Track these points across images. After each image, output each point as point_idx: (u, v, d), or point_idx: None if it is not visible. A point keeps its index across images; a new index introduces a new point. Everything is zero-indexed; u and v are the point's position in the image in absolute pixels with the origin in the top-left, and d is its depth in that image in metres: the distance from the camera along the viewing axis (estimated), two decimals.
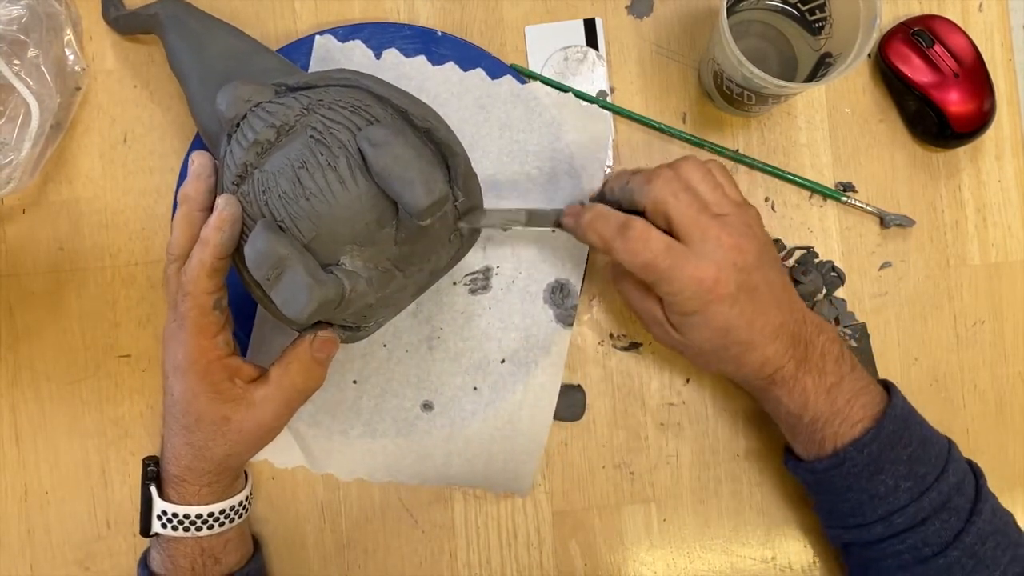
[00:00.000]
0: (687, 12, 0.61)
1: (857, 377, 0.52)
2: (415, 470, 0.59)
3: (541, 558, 0.60)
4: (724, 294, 0.48)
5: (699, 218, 0.49)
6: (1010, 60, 0.62)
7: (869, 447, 0.50)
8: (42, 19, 0.57)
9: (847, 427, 0.50)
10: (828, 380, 0.51)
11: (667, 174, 0.50)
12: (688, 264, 0.48)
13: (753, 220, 0.51)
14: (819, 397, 0.51)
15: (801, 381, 0.51)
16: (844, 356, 0.52)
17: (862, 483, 0.50)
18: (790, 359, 0.51)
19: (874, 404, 0.51)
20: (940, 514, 0.50)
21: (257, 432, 0.50)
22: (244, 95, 0.47)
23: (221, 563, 0.54)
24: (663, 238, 0.49)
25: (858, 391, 0.51)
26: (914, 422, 0.52)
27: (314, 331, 0.50)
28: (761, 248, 0.50)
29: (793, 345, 0.51)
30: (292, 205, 0.45)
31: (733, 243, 0.49)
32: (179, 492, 0.52)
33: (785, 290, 0.52)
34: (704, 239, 0.49)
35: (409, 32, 0.59)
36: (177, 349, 0.49)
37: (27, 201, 0.60)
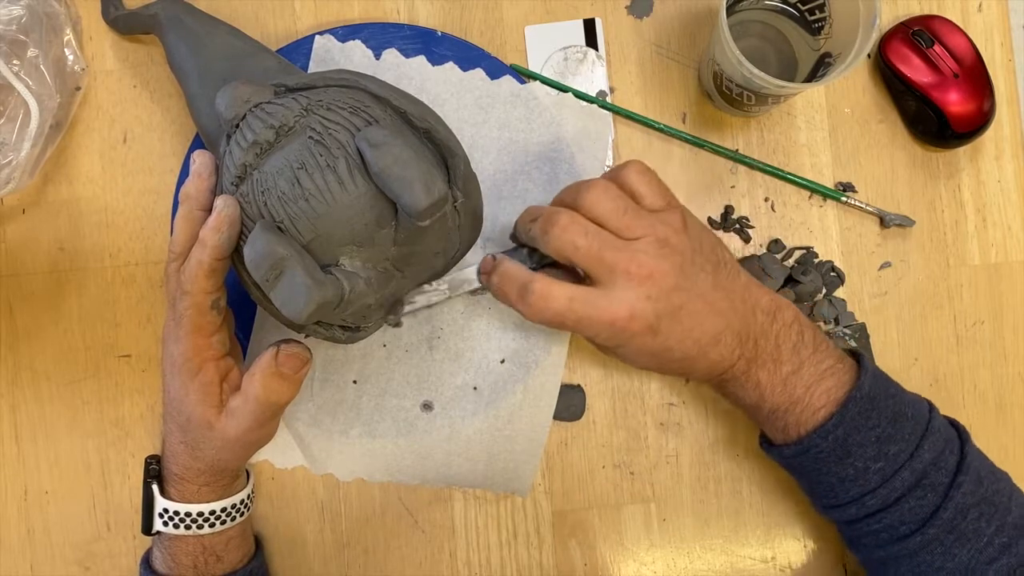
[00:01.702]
0: (687, 12, 0.61)
1: (819, 359, 0.50)
2: (415, 470, 0.59)
3: (541, 558, 0.60)
4: (642, 328, 0.47)
5: (603, 257, 0.47)
6: (1010, 60, 0.62)
7: (834, 432, 0.48)
8: (42, 19, 0.57)
9: (809, 414, 0.49)
10: (784, 370, 0.50)
11: (562, 221, 0.48)
12: (597, 310, 0.47)
13: (673, 228, 0.49)
14: (775, 389, 0.50)
15: (754, 376, 0.50)
16: (803, 340, 0.50)
17: (831, 467, 0.50)
18: (739, 358, 0.49)
19: (839, 387, 0.49)
20: (915, 492, 0.49)
21: (237, 440, 0.50)
22: (243, 96, 0.47)
23: (223, 561, 0.54)
24: (565, 291, 0.47)
25: (821, 375, 0.50)
26: (885, 399, 0.50)
27: (278, 345, 0.49)
28: (683, 263, 0.48)
29: (741, 344, 0.49)
30: (291, 206, 0.45)
31: (645, 273, 0.47)
32: (180, 490, 0.53)
33: (724, 290, 0.49)
34: (612, 278, 0.47)
35: (409, 32, 0.59)
36: (174, 347, 0.49)
37: (27, 201, 0.60)
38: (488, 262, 0.52)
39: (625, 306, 0.47)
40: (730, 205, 0.61)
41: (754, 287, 0.51)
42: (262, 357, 0.49)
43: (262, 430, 0.50)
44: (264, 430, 0.51)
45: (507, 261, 0.51)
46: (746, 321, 0.49)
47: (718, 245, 0.51)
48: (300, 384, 0.50)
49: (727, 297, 0.49)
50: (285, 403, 0.49)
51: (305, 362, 0.49)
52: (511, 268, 0.50)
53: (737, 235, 0.61)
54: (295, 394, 0.50)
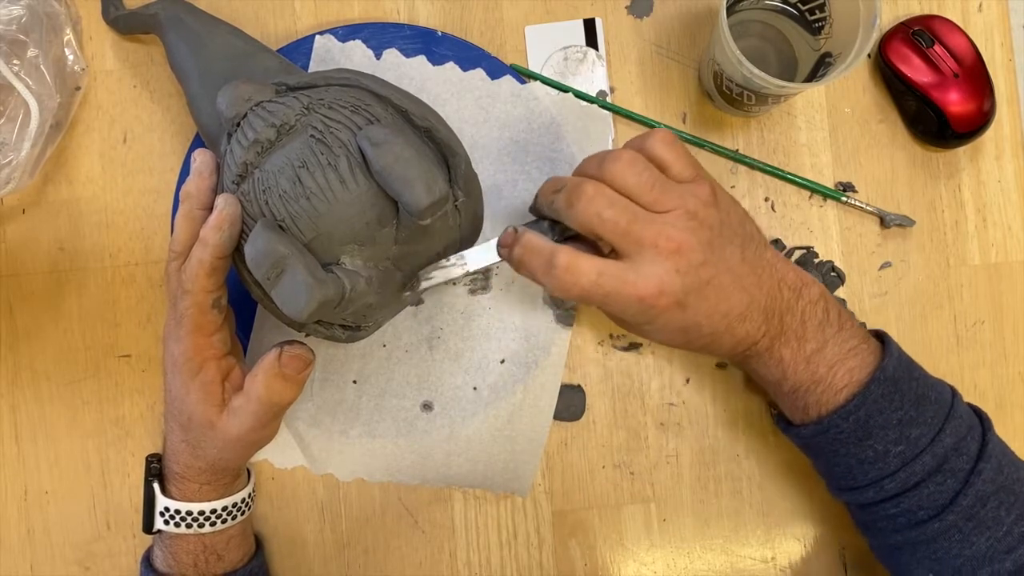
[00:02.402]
0: (687, 12, 0.61)
1: (844, 339, 0.49)
2: (415, 470, 0.59)
3: (541, 558, 0.60)
4: (671, 303, 0.46)
5: (630, 230, 0.46)
6: (1010, 60, 0.62)
7: (855, 414, 0.48)
8: (42, 19, 0.57)
9: (830, 394, 0.49)
10: (808, 348, 0.49)
11: (588, 192, 0.46)
12: (626, 284, 0.46)
13: (703, 201, 0.47)
14: (798, 366, 0.49)
15: (777, 353, 0.49)
16: (829, 318, 0.49)
17: (850, 448, 0.49)
18: (763, 335, 0.49)
19: (862, 367, 0.49)
20: (935, 477, 0.48)
21: (239, 440, 0.50)
22: (244, 94, 0.47)
23: (223, 560, 0.54)
24: (594, 266, 0.46)
25: (844, 355, 0.49)
26: (908, 381, 0.49)
27: (281, 346, 0.49)
28: (711, 237, 0.47)
29: (766, 320, 0.48)
30: (292, 204, 0.45)
31: (673, 247, 0.46)
32: (181, 489, 0.53)
33: (751, 264, 0.48)
34: (640, 251, 0.46)
35: (409, 32, 0.59)
36: (175, 346, 0.49)
37: (27, 201, 0.60)
38: (509, 234, 0.50)
39: (654, 280, 0.45)
40: None
41: (780, 262, 0.50)
42: (265, 357, 0.48)
43: (264, 430, 0.50)
44: (266, 430, 0.51)
45: (529, 232, 0.49)
46: (772, 296, 0.49)
47: (746, 218, 0.50)
48: (303, 385, 0.49)
49: (754, 272, 0.48)
50: (287, 403, 0.49)
51: (308, 363, 0.49)
52: (535, 240, 0.48)
53: None
54: (297, 395, 0.49)
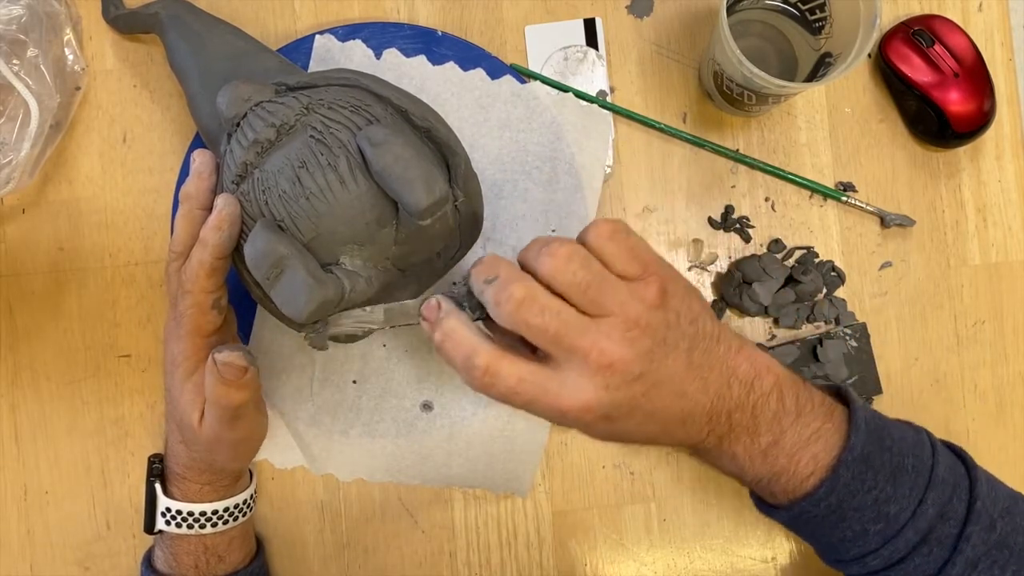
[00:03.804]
0: (687, 12, 0.61)
1: (804, 424, 0.45)
2: (415, 470, 0.59)
3: (541, 558, 0.60)
4: (596, 418, 0.42)
5: (559, 339, 0.41)
6: (1010, 60, 0.62)
7: (826, 500, 0.44)
8: (42, 19, 0.57)
9: (796, 483, 0.45)
10: (763, 441, 0.45)
11: (516, 295, 0.41)
12: (547, 395, 0.41)
13: (647, 304, 0.42)
14: (754, 461, 0.45)
15: (728, 450, 0.45)
16: (784, 407, 0.45)
17: (826, 530, 0.46)
18: (708, 435, 0.45)
19: (827, 451, 0.45)
20: (920, 549, 0.45)
21: (218, 441, 0.49)
22: (244, 94, 0.47)
23: (224, 561, 0.54)
24: (514, 371, 0.41)
25: (806, 441, 0.45)
26: (880, 454, 0.45)
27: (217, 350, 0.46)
28: (652, 346, 0.42)
29: (711, 421, 0.44)
30: (292, 204, 0.45)
31: (605, 363, 0.41)
32: (182, 489, 0.53)
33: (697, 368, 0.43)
34: (569, 360, 0.41)
35: (409, 32, 0.59)
36: (174, 346, 0.49)
37: (27, 201, 0.60)
38: (431, 308, 0.45)
39: (578, 397, 0.41)
40: (730, 205, 0.61)
41: (733, 355, 0.45)
42: (207, 361, 0.47)
43: (234, 432, 0.49)
44: (236, 432, 0.49)
45: (453, 316, 0.44)
46: (719, 397, 0.44)
47: (701, 313, 0.45)
48: (251, 387, 0.47)
49: (700, 375, 0.44)
50: (238, 406, 0.47)
51: (243, 370, 0.46)
52: (457, 329, 0.43)
53: (737, 235, 0.61)
54: (247, 396, 0.48)
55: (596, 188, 0.59)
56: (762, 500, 0.49)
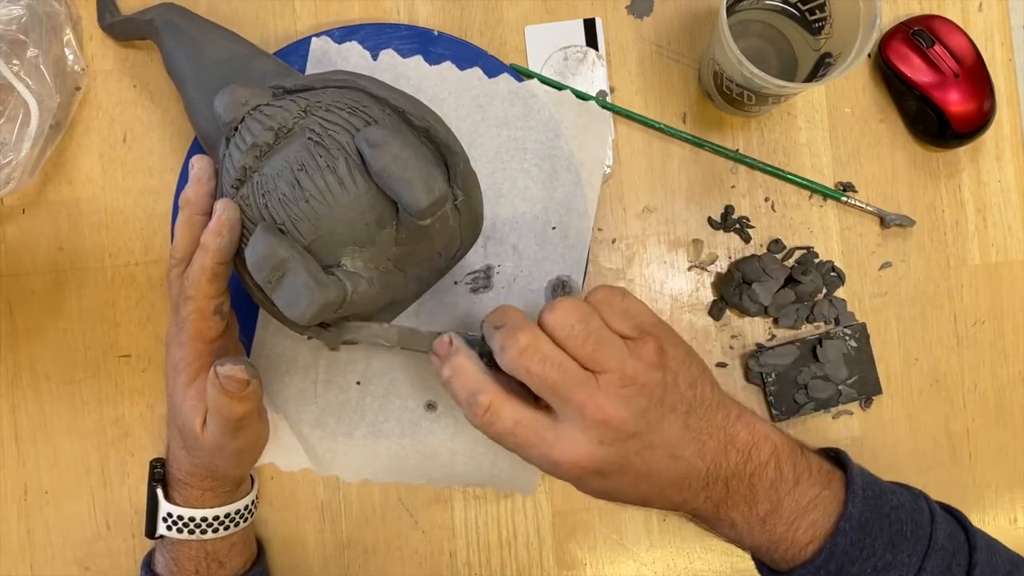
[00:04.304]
0: (687, 12, 0.61)
1: (802, 491, 0.45)
2: (420, 470, 0.59)
3: (541, 558, 0.60)
4: (588, 473, 0.43)
5: (558, 389, 0.42)
6: (1010, 60, 0.62)
7: (825, 567, 0.44)
8: (42, 19, 0.57)
9: (795, 551, 0.45)
10: (760, 509, 0.45)
11: (520, 342, 0.42)
12: (542, 442, 0.43)
13: (646, 363, 0.43)
14: (752, 529, 0.45)
15: (726, 517, 0.45)
16: (782, 476, 0.45)
17: None
18: (705, 500, 0.45)
19: (825, 518, 0.45)
20: None
21: (220, 449, 0.49)
22: (242, 98, 0.47)
23: (225, 567, 0.54)
24: (512, 414, 0.43)
25: (804, 509, 0.45)
26: (878, 521, 0.45)
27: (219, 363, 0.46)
28: (647, 406, 0.43)
29: (706, 487, 0.44)
30: (292, 207, 0.45)
31: (600, 417, 0.42)
32: (184, 495, 0.53)
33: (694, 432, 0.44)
34: (565, 411, 0.42)
35: (405, 32, 0.59)
36: (176, 352, 0.49)
37: (27, 201, 0.60)
38: (443, 345, 0.46)
39: (571, 450, 0.42)
40: (730, 205, 0.61)
41: (732, 423, 0.45)
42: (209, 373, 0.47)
43: (235, 441, 0.49)
44: (238, 441, 0.49)
45: (463, 354, 0.45)
46: (716, 463, 0.44)
47: (700, 377, 0.46)
48: (254, 399, 0.48)
49: (697, 440, 0.44)
50: (240, 417, 0.48)
51: (245, 383, 0.46)
52: (465, 366, 0.44)
53: (737, 235, 0.61)
54: (249, 408, 0.48)
55: (595, 185, 0.59)
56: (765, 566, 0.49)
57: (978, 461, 0.56)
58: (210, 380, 0.46)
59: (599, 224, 0.60)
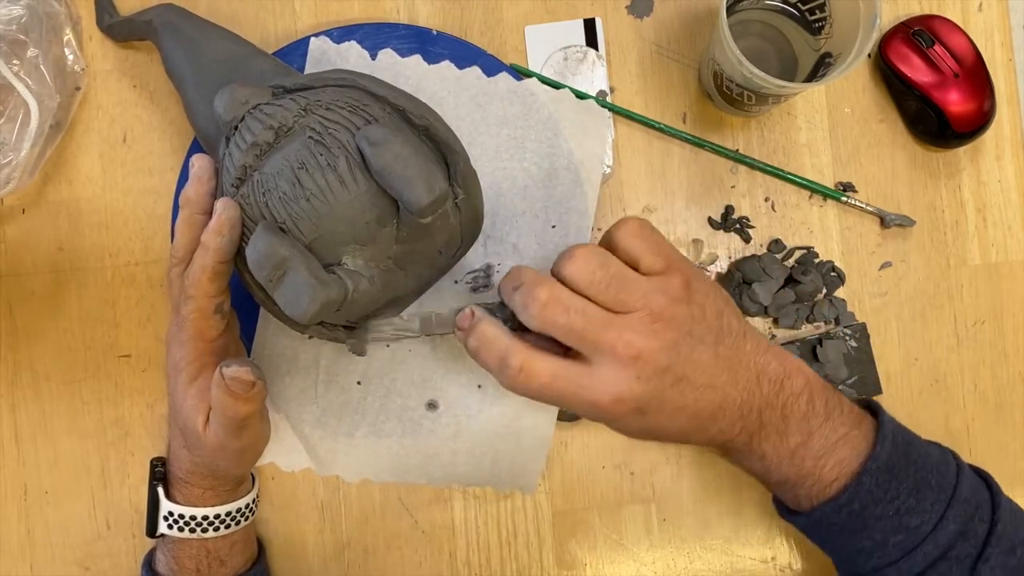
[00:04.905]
0: (687, 12, 0.61)
1: (832, 428, 0.46)
2: (421, 470, 0.59)
3: (541, 558, 0.60)
4: (629, 410, 0.44)
5: (586, 335, 0.43)
6: (1010, 60, 0.62)
7: (848, 506, 0.45)
8: (42, 19, 0.57)
9: (820, 487, 0.46)
10: (791, 442, 0.46)
11: (541, 297, 0.43)
12: (581, 389, 0.43)
13: (671, 297, 0.44)
14: (782, 462, 0.46)
15: (758, 449, 0.46)
16: (814, 409, 0.46)
17: (846, 539, 0.47)
18: (740, 431, 0.46)
19: (853, 457, 0.46)
20: (938, 565, 0.45)
21: (222, 449, 0.49)
22: (242, 97, 0.47)
23: (226, 565, 0.54)
24: (548, 367, 0.43)
25: (833, 445, 0.46)
26: (905, 467, 0.46)
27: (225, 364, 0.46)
28: (677, 338, 0.43)
29: (742, 417, 0.45)
30: (292, 206, 0.45)
31: (632, 354, 0.43)
32: (185, 494, 0.53)
33: (726, 361, 0.45)
34: (598, 356, 0.43)
35: (404, 32, 0.59)
36: (177, 351, 0.49)
37: (27, 201, 0.60)
38: (466, 317, 0.47)
39: (610, 389, 0.43)
40: (730, 205, 0.61)
41: (761, 353, 0.46)
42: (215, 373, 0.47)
43: (238, 440, 0.49)
44: (240, 441, 0.49)
45: (486, 322, 0.46)
46: (749, 392, 0.45)
47: (726, 308, 0.46)
48: (258, 400, 0.48)
49: (728, 369, 0.45)
50: (244, 417, 0.47)
51: (250, 385, 0.46)
52: (490, 332, 0.45)
53: (737, 235, 0.61)
54: (254, 408, 0.48)
55: (595, 183, 0.59)
56: (784, 506, 0.50)
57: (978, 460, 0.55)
58: (215, 381, 0.46)
59: (599, 224, 0.60)
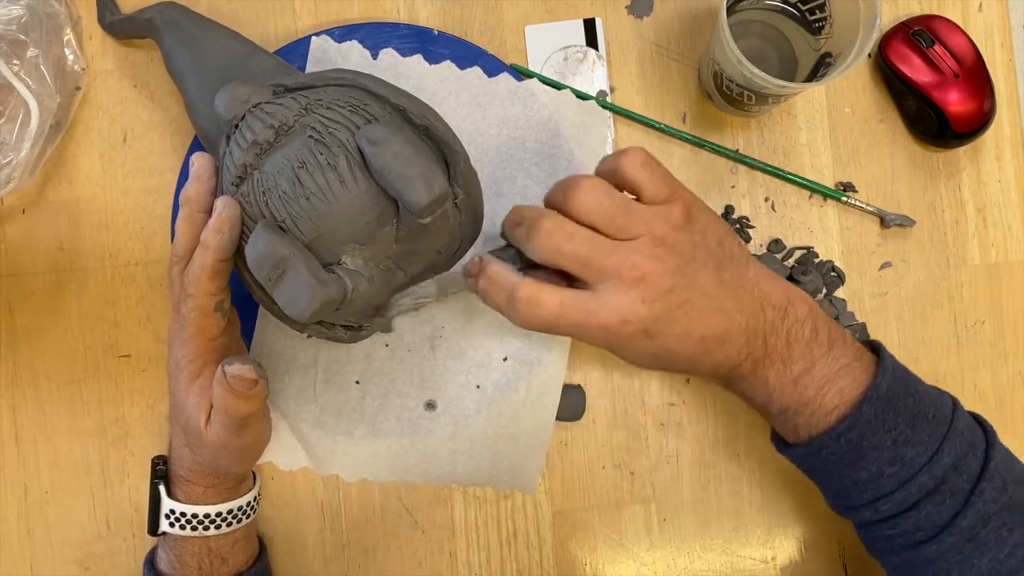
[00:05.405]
0: (687, 12, 0.61)
1: (835, 357, 0.47)
2: (420, 470, 0.59)
3: (541, 558, 0.60)
4: (637, 331, 0.45)
5: (591, 261, 0.45)
6: (1010, 60, 0.62)
7: (847, 435, 0.46)
8: (42, 19, 0.57)
9: (820, 416, 0.47)
10: (795, 369, 0.47)
11: (545, 227, 0.45)
12: (589, 315, 0.45)
13: (672, 224, 0.46)
14: (785, 389, 0.47)
15: (762, 375, 0.48)
16: (817, 338, 0.47)
17: (843, 469, 0.48)
18: (746, 357, 0.47)
19: (854, 387, 0.47)
20: (932, 497, 0.46)
21: (224, 447, 0.49)
22: (242, 96, 0.47)
23: (228, 563, 0.54)
24: (555, 296, 0.45)
25: (834, 375, 0.47)
26: (904, 399, 0.47)
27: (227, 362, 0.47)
28: (680, 262, 0.45)
29: (748, 342, 0.47)
30: (292, 205, 0.45)
31: (637, 276, 0.44)
32: (186, 492, 0.53)
33: (729, 286, 0.47)
34: (603, 281, 0.45)
35: (405, 31, 0.59)
36: (178, 350, 0.49)
37: (27, 201, 0.60)
38: (475, 263, 0.49)
39: (617, 311, 0.44)
40: (730, 205, 0.61)
41: (765, 280, 0.48)
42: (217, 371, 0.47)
43: (239, 439, 0.49)
44: (242, 439, 0.49)
45: (494, 263, 0.48)
46: (754, 317, 0.47)
47: (727, 237, 0.48)
48: (260, 398, 0.48)
49: (733, 294, 0.47)
50: (246, 415, 0.48)
51: (252, 383, 0.47)
52: (498, 272, 0.47)
53: (737, 235, 0.61)
54: (256, 407, 0.48)
55: None
56: (782, 441, 0.51)
57: None
58: (217, 379, 0.47)
59: None
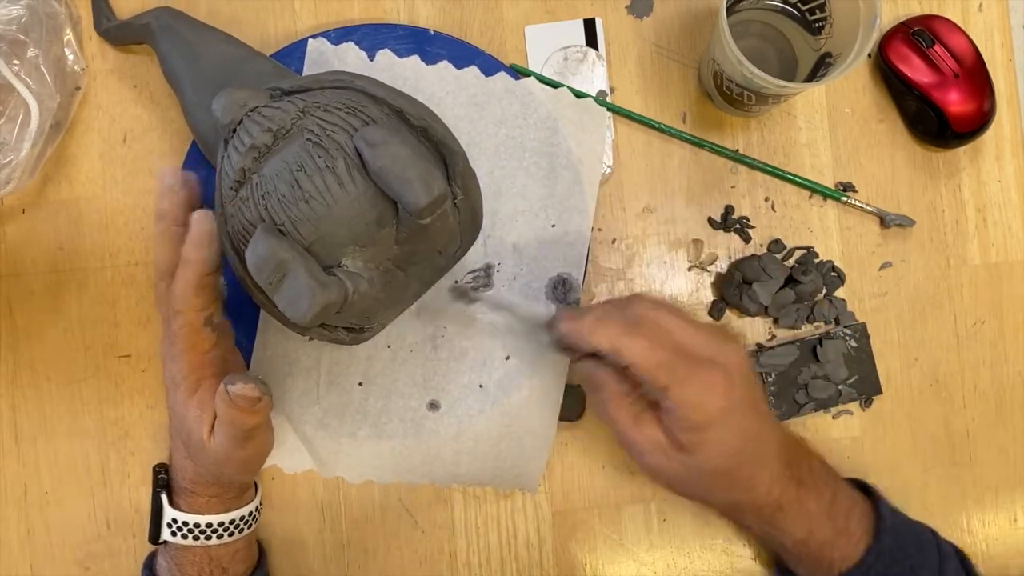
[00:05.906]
0: (687, 12, 0.61)
1: (844, 488, 0.50)
2: (424, 470, 0.59)
3: (541, 558, 0.60)
4: (736, 400, 0.46)
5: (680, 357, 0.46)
6: (1010, 60, 0.62)
7: (874, 567, 0.48)
8: (42, 19, 0.57)
9: (851, 546, 0.49)
10: (825, 498, 0.49)
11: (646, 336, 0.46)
12: (701, 369, 0.46)
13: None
14: (822, 518, 0.49)
15: (805, 503, 0.49)
16: (829, 470, 0.51)
17: None
18: (790, 478, 0.48)
19: (864, 515, 0.50)
20: None
21: (227, 459, 0.49)
22: (240, 100, 0.47)
23: (228, 572, 0.54)
24: (673, 339, 0.46)
25: (852, 503, 0.50)
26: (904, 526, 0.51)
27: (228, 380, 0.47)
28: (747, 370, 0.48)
29: (790, 464, 0.49)
30: (291, 208, 0.45)
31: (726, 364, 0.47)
32: (189, 502, 0.53)
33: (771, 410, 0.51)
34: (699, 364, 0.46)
35: (402, 32, 0.59)
36: (172, 366, 0.49)
37: (27, 201, 0.60)
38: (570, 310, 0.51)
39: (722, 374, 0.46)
40: (730, 205, 0.61)
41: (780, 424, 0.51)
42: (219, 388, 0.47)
43: (242, 450, 0.49)
44: (245, 450, 0.49)
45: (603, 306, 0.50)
46: (791, 443, 0.49)
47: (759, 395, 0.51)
48: (263, 413, 0.48)
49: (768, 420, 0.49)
50: (251, 428, 0.48)
51: (255, 400, 0.47)
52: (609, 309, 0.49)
53: (737, 235, 0.61)
54: (260, 419, 0.48)
55: (594, 182, 0.59)
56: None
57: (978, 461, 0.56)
58: (220, 396, 0.47)
59: (599, 224, 0.60)
